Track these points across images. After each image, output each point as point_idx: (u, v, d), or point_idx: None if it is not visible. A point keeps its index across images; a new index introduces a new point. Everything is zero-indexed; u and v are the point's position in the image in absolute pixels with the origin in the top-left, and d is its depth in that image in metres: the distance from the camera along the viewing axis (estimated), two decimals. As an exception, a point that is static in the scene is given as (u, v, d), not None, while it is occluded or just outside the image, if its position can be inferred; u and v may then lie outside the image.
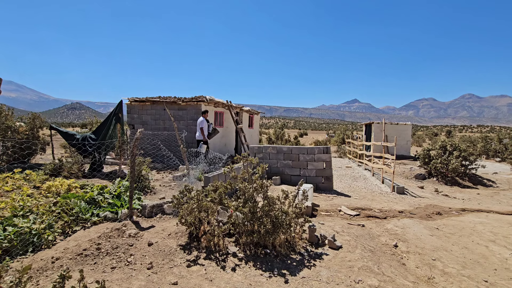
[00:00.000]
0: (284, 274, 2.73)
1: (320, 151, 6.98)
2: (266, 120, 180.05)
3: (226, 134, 12.34)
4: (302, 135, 54.49)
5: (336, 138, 29.82)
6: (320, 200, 5.86)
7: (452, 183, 9.26)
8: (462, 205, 6.14)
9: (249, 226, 3.22)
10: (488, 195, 7.90)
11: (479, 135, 25.07)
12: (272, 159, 7.44)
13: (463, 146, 9.81)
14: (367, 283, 2.56)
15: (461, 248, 3.66)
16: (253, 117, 15.25)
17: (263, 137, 30.27)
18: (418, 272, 3.03)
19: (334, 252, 3.23)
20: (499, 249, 3.66)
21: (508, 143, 16.13)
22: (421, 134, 50.51)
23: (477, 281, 2.84)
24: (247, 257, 3.04)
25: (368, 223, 4.51)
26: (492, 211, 5.71)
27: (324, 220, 4.46)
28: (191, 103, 10.03)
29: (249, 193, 3.27)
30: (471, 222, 4.79)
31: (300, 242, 3.41)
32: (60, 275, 1.23)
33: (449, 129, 71.51)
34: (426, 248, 3.60)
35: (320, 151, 6.97)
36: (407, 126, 16.82)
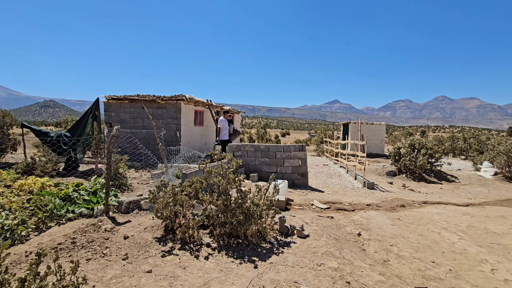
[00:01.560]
0: (254, 260, 2.94)
1: (296, 149, 7.27)
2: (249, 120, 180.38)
3: (206, 133, 12.42)
4: (284, 134, 55.22)
5: (317, 138, 30.57)
6: (295, 195, 6.14)
7: (419, 179, 9.90)
8: (425, 198, 6.66)
9: (223, 218, 3.40)
10: (449, 189, 8.56)
11: (449, 135, 26.64)
12: (250, 157, 7.65)
13: (429, 144, 10.51)
14: (328, 266, 2.83)
15: (417, 235, 4.04)
16: (234, 116, 15.40)
17: (245, 137, 30.46)
18: (376, 256, 3.35)
19: (302, 241, 3.48)
20: (449, 235, 4.08)
21: (472, 142, 17.35)
22: (398, 134, 52.72)
23: (425, 262, 3.20)
24: (220, 247, 3.22)
25: (337, 215, 4.83)
26: (450, 203, 6.24)
27: (296, 213, 4.72)
28: (171, 102, 10.04)
29: (223, 187, 3.45)
30: (430, 213, 5.24)
31: (271, 233, 3.63)
32: (36, 253, 1.34)
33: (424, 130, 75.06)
34: (386, 235, 3.95)
35: (296, 149, 7.27)
36: (381, 126, 17.63)
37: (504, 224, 4.71)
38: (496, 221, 4.87)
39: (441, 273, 2.95)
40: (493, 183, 9.65)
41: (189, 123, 10.78)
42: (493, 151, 11.54)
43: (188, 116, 10.71)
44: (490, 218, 5.08)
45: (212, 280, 2.51)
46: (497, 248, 3.71)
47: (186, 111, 10.48)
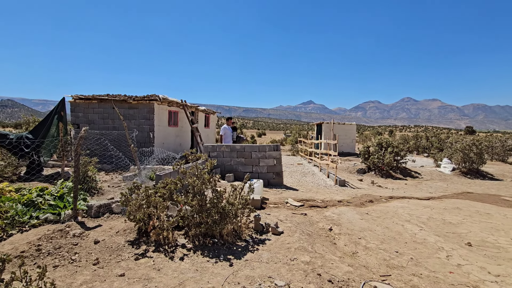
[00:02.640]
0: (230, 259, 2.98)
1: (271, 148, 7.41)
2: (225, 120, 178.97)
3: (181, 134, 12.22)
4: (260, 135, 55.63)
5: (292, 138, 31.19)
6: (270, 194, 6.27)
7: (386, 176, 10.50)
8: (391, 194, 7.09)
9: (198, 218, 3.41)
10: (413, 184, 9.18)
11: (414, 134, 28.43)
12: (226, 157, 7.67)
13: (395, 143, 11.18)
14: (300, 260, 2.95)
15: (383, 228, 4.31)
16: (210, 116, 15.29)
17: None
18: (346, 249, 3.54)
19: (276, 237, 3.59)
20: (412, 227, 4.41)
21: (434, 140, 18.67)
22: (368, 133, 55.27)
23: (390, 252, 3.43)
24: (196, 247, 3.23)
25: (310, 212, 5.01)
26: (413, 197, 6.71)
27: (271, 211, 4.83)
28: (143, 102, 9.76)
29: (197, 187, 3.45)
30: (395, 207, 5.61)
31: (246, 231, 3.70)
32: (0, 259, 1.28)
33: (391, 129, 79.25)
34: (355, 229, 4.18)
35: (271, 149, 7.41)
36: (352, 125, 18.41)
37: (459, 215, 5.17)
38: (452, 213, 5.32)
39: (403, 261, 3.20)
40: (451, 178, 10.49)
41: (163, 123, 10.55)
42: (451, 148, 12.53)
43: (162, 117, 10.47)
44: (447, 210, 5.54)
45: (187, 280, 2.53)
46: (452, 236, 4.07)
47: (160, 112, 10.25)
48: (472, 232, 4.27)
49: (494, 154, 15.65)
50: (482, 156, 11.01)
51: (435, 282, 2.74)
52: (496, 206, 6.11)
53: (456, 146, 11.76)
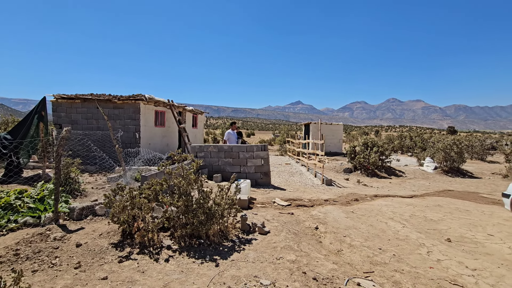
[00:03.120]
0: (216, 259, 2.98)
1: (259, 148, 7.43)
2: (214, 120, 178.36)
3: (168, 134, 12.07)
4: (249, 135, 55.65)
5: (280, 138, 31.37)
6: (258, 194, 6.28)
7: (372, 175, 10.73)
8: (376, 192, 7.25)
9: (184, 219, 3.38)
10: (397, 183, 9.42)
11: (399, 134, 29.17)
12: (213, 158, 7.63)
13: (380, 143, 11.44)
14: (286, 259, 2.98)
15: (367, 226, 4.41)
16: (197, 116, 15.18)
17: (209, 138, 30.12)
18: (331, 247, 3.60)
19: (263, 237, 3.60)
20: (395, 224, 4.53)
21: (417, 140, 19.23)
22: (355, 133, 56.30)
23: (373, 249, 3.51)
24: (181, 248, 3.20)
25: (297, 211, 5.06)
26: (397, 195, 6.89)
27: (258, 211, 4.85)
28: (129, 102, 9.58)
29: (183, 188, 3.42)
30: (379, 205, 5.74)
31: (233, 231, 3.70)
32: None
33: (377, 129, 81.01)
34: (341, 228, 4.25)
35: (259, 149, 7.43)
36: (339, 126, 18.71)
37: (440, 212, 5.35)
38: (433, 210, 5.50)
39: (386, 258, 3.28)
40: (434, 176, 10.83)
41: (149, 124, 10.39)
42: (433, 148, 12.94)
43: (148, 117, 10.32)
44: (429, 207, 5.72)
45: (172, 282, 2.50)
46: (433, 233, 4.20)
47: (146, 112, 10.09)
48: (451, 228, 4.42)
49: (473, 153, 16.27)
50: (462, 155, 11.44)
51: (416, 277, 2.83)
52: (475, 203, 6.36)
53: (438, 145, 12.16)
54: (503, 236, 4.09)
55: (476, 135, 33.25)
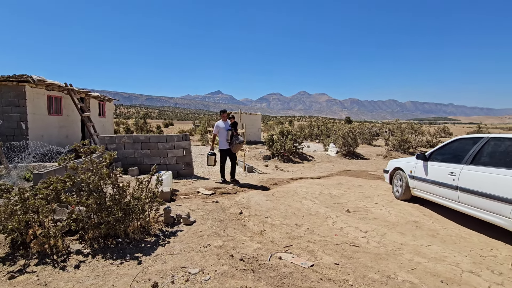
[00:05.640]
0: (138, 257, 2.78)
1: (180, 138, 7.14)
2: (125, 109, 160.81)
3: (68, 124, 10.30)
4: (167, 125, 52.47)
5: (201, 128, 30.78)
6: (181, 185, 6.08)
7: (288, 161, 11.76)
8: (291, 176, 8.01)
9: (96, 218, 3.01)
10: (308, 167, 10.62)
11: (308, 124, 32.61)
12: (128, 150, 6.94)
13: (294, 131, 12.60)
14: (214, 245, 3.03)
15: (285, 206, 4.86)
16: (105, 104, 13.40)
17: (120, 128, 27.09)
18: (255, 228, 3.83)
19: (189, 227, 3.55)
20: (308, 202, 5.13)
21: (323, 129, 21.97)
22: (272, 123, 60.07)
23: (291, 226, 3.91)
24: (95, 251, 2.85)
25: (221, 199, 5.15)
26: (308, 177, 7.78)
27: (182, 202, 4.72)
28: (8, 84, 7.69)
29: (94, 184, 3.03)
30: (294, 187, 6.38)
31: (156, 225, 3.51)
32: None
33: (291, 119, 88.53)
34: (263, 210, 4.55)
35: (180, 139, 7.14)
36: (258, 116, 19.63)
37: (341, 189, 6.33)
38: (336, 187, 6.47)
39: (302, 232, 3.71)
40: (336, 159, 12.65)
41: (40, 111, 8.60)
42: (335, 135, 15.05)
43: (39, 103, 8.52)
44: (333, 185, 6.69)
45: (86, 289, 2.22)
46: (336, 206, 4.96)
47: (35, 97, 8.29)
48: (350, 201, 5.31)
49: (364, 139, 19.67)
50: (356, 141, 13.71)
51: (325, 245, 3.30)
52: (365, 179, 7.77)
53: (338, 133, 14.21)
54: (384, 204, 5.16)
55: (365, 124, 40.30)
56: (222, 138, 6.35)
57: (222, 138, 6.34)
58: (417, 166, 4.96)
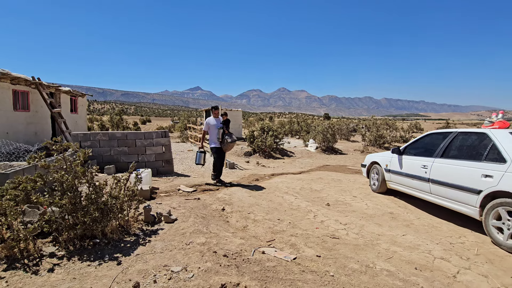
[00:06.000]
0: (117, 257, 2.68)
1: (159, 135, 6.96)
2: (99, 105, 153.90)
3: (36, 121, 9.70)
4: (145, 122, 50.94)
5: (180, 124, 30.17)
6: (160, 183, 5.94)
7: (269, 157, 11.84)
8: (272, 171, 8.08)
9: (71, 219, 2.87)
10: (289, 162, 10.76)
11: (289, 120, 32.98)
12: (104, 147, 6.66)
13: (275, 127, 12.69)
14: (196, 242, 2.99)
15: (267, 201, 4.90)
16: (77, 99, 12.75)
17: (95, 125, 25.92)
18: (238, 224, 3.83)
19: (170, 225, 3.48)
20: (289, 197, 5.20)
21: (303, 125, 22.29)
22: (252, 119, 60.12)
23: (273, 221, 3.96)
24: (71, 253, 2.72)
25: (203, 195, 5.09)
26: (289, 173, 7.88)
27: (163, 200, 4.61)
28: (-33, 77, 7.09)
29: (68, 183, 2.87)
30: (276, 182, 6.44)
31: (135, 224, 3.40)
32: None
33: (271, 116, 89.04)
34: (245, 206, 4.56)
35: (159, 135, 6.96)
36: (239, 112, 19.56)
37: (321, 183, 6.47)
38: (317, 182, 6.61)
39: (284, 226, 3.76)
40: (315, 155, 12.91)
41: (5, 107, 8.02)
42: (314, 131, 15.34)
43: (3, 98, 7.94)
44: (313, 180, 6.83)
45: (62, 293, 2.12)
46: (317, 201, 5.07)
47: (-2, 91, 7.72)
48: (329, 195, 5.45)
49: (342, 134, 20.22)
50: (335, 136, 14.06)
51: (306, 238, 3.37)
52: (344, 174, 8.01)
53: (318, 129, 14.50)
54: (362, 197, 5.35)
55: (343, 120, 41.43)
56: (213, 136, 5.91)
57: (213, 136, 5.90)
58: (392, 160, 5.18)
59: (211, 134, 5.94)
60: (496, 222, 3.21)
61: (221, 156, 6.00)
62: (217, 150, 5.91)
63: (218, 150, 5.92)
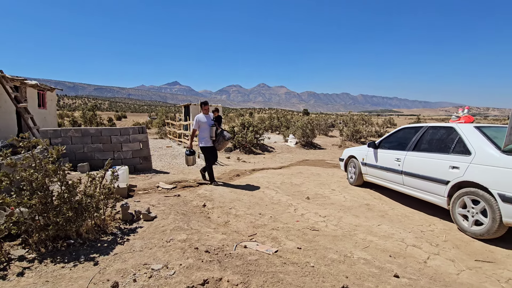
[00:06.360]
0: (94, 257, 2.59)
1: (136, 131, 6.74)
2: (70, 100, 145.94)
3: (0, 116, 9.03)
4: (120, 117, 49.04)
5: (158, 120, 29.36)
6: (138, 180, 5.77)
7: (249, 152, 11.86)
8: (253, 167, 8.11)
9: (42, 220, 2.72)
10: (270, 157, 10.85)
11: (269, 115, 33.11)
12: (76, 144, 6.34)
13: (255, 123, 12.71)
14: (177, 239, 2.95)
15: (249, 196, 4.92)
16: (45, 94, 12.00)
17: (66, 121, 24.59)
18: (219, 220, 3.82)
19: (149, 223, 3.40)
20: (270, 192, 5.26)
21: (283, 120, 22.51)
22: (232, 115, 59.77)
23: (255, 215, 3.99)
24: (42, 255, 2.58)
25: (183, 192, 5.02)
26: (270, 168, 7.95)
27: (141, 197, 4.49)
28: None
29: (38, 182, 2.71)
30: (257, 177, 6.48)
31: (112, 223, 3.29)
32: None
33: (251, 111, 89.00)
34: (226, 202, 4.55)
35: (136, 131, 6.73)
36: (219, 107, 19.32)
37: (301, 177, 6.60)
38: (297, 176, 6.73)
39: (265, 220, 3.80)
40: (295, 150, 13.11)
41: (-38, 101, 7.38)
42: (294, 126, 15.55)
43: None
44: (293, 174, 6.94)
45: (33, 297, 2.01)
46: (297, 195, 5.17)
47: (-45, 84, 7.08)
48: (309, 189, 5.57)
49: (320, 130, 20.67)
50: (314, 132, 14.35)
51: (287, 231, 3.44)
52: (323, 168, 8.21)
53: (297, 124, 14.72)
54: (340, 189, 5.52)
55: (322, 116, 42.30)
56: (204, 134, 5.44)
57: (205, 134, 5.44)
58: (368, 154, 5.38)
59: (202, 132, 5.47)
60: (462, 210, 3.45)
61: (214, 155, 5.67)
62: (210, 149, 5.53)
63: (211, 150, 5.54)
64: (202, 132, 5.49)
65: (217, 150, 5.66)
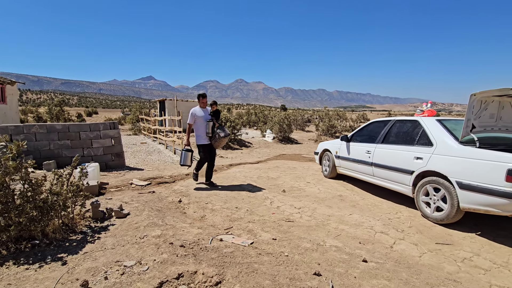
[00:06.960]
0: (61, 257, 2.48)
1: (106, 127, 6.47)
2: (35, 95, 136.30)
3: (-48, 112, 8.27)
4: (91, 113, 46.59)
5: (132, 116, 28.29)
6: (110, 177, 5.57)
7: (227, 147, 11.81)
8: (231, 162, 8.11)
9: (3, 220, 2.55)
10: (247, 152, 10.89)
11: (246, 111, 33.07)
12: (41, 141, 5.97)
13: (232, 118, 12.65)
14: (151, 235, 2.90)
15: (225, 191, 4.92)
16: (5, 87, 11.14)
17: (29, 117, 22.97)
18: (195, 215, 3.79)
19: (122, 220, 3.31)
20: (247, 185, 5.30)
21: (260, 116, 22.59)
22: (209, 111, 58.93)
23: (231, 209, 4.00)
24: (4, 257, 2.44)
25: (158, 188, 4.92)
26: (247, 162, 7.99)
27: (113, 195, 4.35)
28: None
29: (-4, 180, 2.54)
30: (234, 172, 6.49)
31: (82, 222, 3.17)
32: None
33: (229, 107, 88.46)
34: (203, 197, 4.52)
35: (107, 127, 6.46)
36: (189, 102, 19.01)
37: (278, 171, 6.70)
38: (273, 170, 6.82)
39: (241, 214, 3.83)
40: (272, 145, 13.25)
41: None
42: (271, 122, 15.69)
43: None
44: (270, 169, 7.03)
45: (-6, 301, 1.90)
46: (274, 188, 5.25)
47: None
48: (285, 182, 5.68)
49: (297, 125, 21.03)
50: (291, 127, 14.57)
51: (263, 223, 3.50)
52: (299, 162, 8.39)
53: (274, 120, 14.86)
54: (315, 182, 5.68)
55: (298, 112, 43.00)
56: (200, 130, 4.99)
57: (201, 130, 4.98)
58: (341, 147, 5.57)
59: (198, 128, 5.00)
60: (425, 198, 3.70)
61: (211, 154, 5.17)
62: (206, 147, 5.06)
63: (207, 147, 5.07)
64: (198, 128, 5.02)
65: (215, 147, 5.18)
